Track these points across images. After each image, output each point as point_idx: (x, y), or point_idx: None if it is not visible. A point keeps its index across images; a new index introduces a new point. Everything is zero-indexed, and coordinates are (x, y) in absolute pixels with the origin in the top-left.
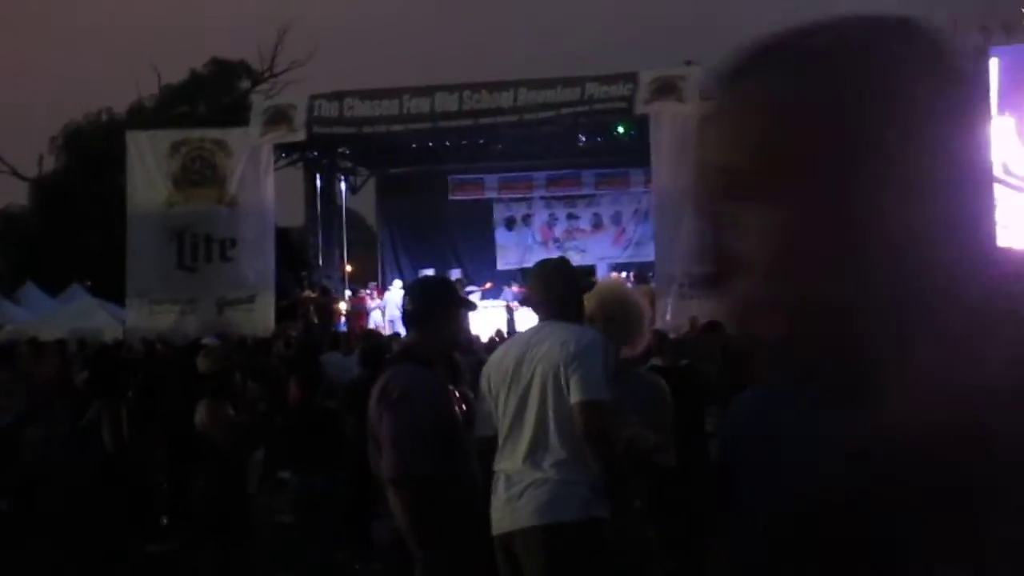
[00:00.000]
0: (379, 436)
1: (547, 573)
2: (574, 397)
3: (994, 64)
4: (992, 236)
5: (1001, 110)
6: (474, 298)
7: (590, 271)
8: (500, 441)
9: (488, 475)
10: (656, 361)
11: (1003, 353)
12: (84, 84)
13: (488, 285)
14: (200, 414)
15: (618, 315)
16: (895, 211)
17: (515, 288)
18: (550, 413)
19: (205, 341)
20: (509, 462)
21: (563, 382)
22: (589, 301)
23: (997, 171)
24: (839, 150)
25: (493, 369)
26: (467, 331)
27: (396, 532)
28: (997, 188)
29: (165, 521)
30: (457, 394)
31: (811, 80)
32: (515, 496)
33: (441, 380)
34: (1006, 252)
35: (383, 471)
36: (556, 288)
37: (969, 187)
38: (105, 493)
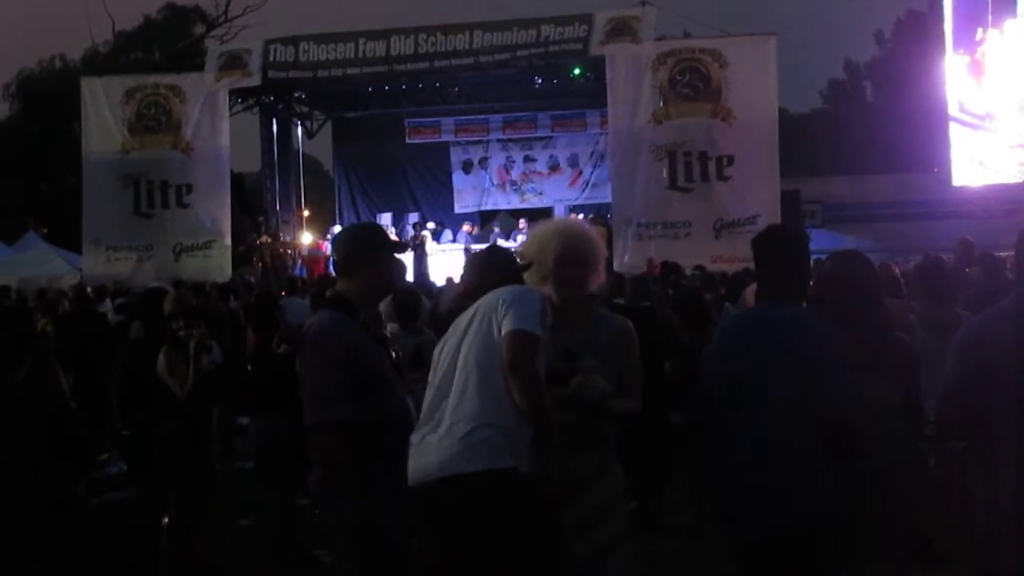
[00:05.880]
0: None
1: (468, 526)
2: (505, 328)
3: (948, 2)
4: None
5: (956, 48)
6: (428, 241)
7: (547, 213)
8: (424, 407)
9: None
10: (618, 300)
11: None
12: (37, 30)
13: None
14: (160, 361)
15: (578, 256)
16: None
17: (467, 228)
18: (473, 360)
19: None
20: (427, 420)
21: (495, 325)
22: (536, 241)
23: (953, 110)
24: None
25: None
26: (426, 275)
27: None
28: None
29: (125, 468)
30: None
31: None
32: (429, 445)
33: (362, 326)
34: None
35: (304, 417)
36: (490, 276)
37: None
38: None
